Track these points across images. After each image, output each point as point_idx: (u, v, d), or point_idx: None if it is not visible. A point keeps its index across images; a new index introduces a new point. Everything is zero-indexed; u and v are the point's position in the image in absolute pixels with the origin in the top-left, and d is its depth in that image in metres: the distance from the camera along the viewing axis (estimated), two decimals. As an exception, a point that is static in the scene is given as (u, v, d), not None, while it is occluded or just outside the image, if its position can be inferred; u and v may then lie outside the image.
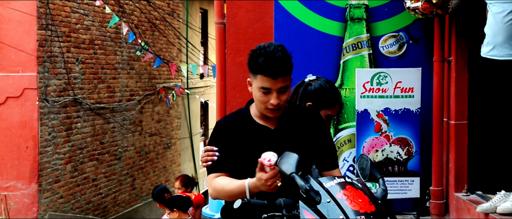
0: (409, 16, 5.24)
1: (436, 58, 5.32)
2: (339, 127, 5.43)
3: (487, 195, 4.91)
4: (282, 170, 2.47)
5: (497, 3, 4.16)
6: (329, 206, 2.37)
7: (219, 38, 5.56)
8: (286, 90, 2.75)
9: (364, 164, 2.69)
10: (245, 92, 5.47)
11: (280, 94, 2.73)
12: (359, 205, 2.39)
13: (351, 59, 5.41)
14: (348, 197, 2.41)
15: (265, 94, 2.76)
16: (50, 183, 9.52)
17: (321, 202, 2.38)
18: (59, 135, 9.75)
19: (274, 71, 2.71)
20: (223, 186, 2.71)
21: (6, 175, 9.20)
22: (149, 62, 12.14)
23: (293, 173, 2.43)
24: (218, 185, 2.73)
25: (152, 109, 13.10)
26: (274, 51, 2.73)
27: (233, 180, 2.71)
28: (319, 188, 2.43)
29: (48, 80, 9.45)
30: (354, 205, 2.38)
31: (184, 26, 14.31)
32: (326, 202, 2.38)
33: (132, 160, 12.26)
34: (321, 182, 2.47)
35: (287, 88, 2.75)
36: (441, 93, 5.31)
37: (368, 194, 2.46)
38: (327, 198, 2.39)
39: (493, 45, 4.18)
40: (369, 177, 2.66)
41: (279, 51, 2.74)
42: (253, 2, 5.48)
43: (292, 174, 2.43)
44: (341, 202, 2.38)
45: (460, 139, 5.18)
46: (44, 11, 9.36)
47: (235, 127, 2.84)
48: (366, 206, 2.40)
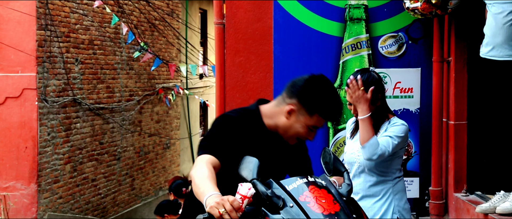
0: (408, 17, 5.24)
1: (435, 58, 5.33)
2: (338, 127, 5.43)
3: (486, 195, 4.91)
4: (242, 176, 2.38)
5: (496, 4, 4.16)
6: (292, 210, 2.30)
7: (219, 38, 5.56)
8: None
9: (327, 158, 2.65)
10: (244, 93, 5.47)
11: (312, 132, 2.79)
12: (322, 206, 2.33)
13: (350, 59, 5.41)
14: (311, 199, 2.35)
15: (309, 131, 2.76)
16: (49, 183, 9.52)
17: (285, 207, 2.31)
18: (58, 135, 9.74)
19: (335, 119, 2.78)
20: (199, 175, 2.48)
21: (5, 175, 9.20)
22: (149, 62, 12.14)
23: (254, 179, 2.34)
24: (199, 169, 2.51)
25: (151, 109, 13.10)
26: (338, 100, 2.74)
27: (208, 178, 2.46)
28: (282, 193, 2.36)
29: (47, 81, 9.45)
30: (317, 207, 2.32)
31: (183, 26, 14.31)
32: (290, 207, 2.31)
33: (131, 160, 12.25)
34: (284, 186, 2.40)
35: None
36: (440, 93, 5.32)
37: (332, 192, 2.41)
38: (290, 202, 2.32)
39: (492, 45, 4.18)
40: (333, 171, 2.61)
41: (340, 101, 2.77)
42: (253, 3, 5.48)
43: (253, 180, 2.34)
44: (304, 205, 2.32)
45: (459, 139, 5.18)
46: (44, 12, 9.36)
47: (244, 124, 2.74)
48: (330, 206, 2.34)
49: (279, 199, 2.33)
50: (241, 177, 2.39)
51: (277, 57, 5.45)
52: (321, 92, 2.70)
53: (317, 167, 5.51)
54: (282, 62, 5.45)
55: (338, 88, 5.41)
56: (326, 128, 5.42)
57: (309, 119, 2.71)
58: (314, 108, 2.69)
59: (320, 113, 2.70)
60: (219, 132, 2.68)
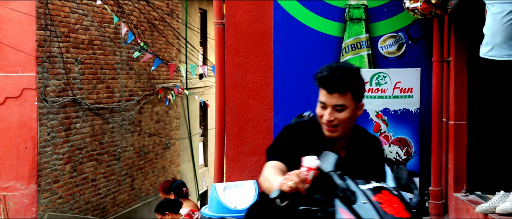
0: (408, 17, 5.24)
1: (435, 58, 5.33)
2: (338, 127, 5.43)
3: (486, 195, 4.91)
4: (320, 168, 2.49)
5: (496, 4, 4.16)
6: (365, 207, 2.39)
7: (218, 38, 5.56)
8: (343, 109, 2.75)
9: (400, 174, 2.68)
10: (244, 93, 5.47)
11: (335, 111, 2.75)
12: (394, 210, 2.40)
13: (350, 59, 5.41)
14: (384, 201, 2.43)
15: (322, 109, 2.79)
16: (49, 183, 9.52)
17: (357, 203, 2.40)
18: (58, 135, 9.74)
19: (329, 85, 2.74)
20: (265, 175, 2.65)
21: (5, 175, 9.20)
22: (148, 62, 12.14)
23: (331, 171, 2.46)
24: (265, 171, 2.66)
25: (151, 109, 13.10)
26: (337, 67, 2.75)
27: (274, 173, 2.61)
28: (356, 189, 2.45)
29: (47, 81, 9.45)
30: (389, 210, 2.40)
31: (183, 26, 14.31)
32: (362, 203, 2.40)
33: (131, 160, 12.25)
34: (358, 184, 2.49)
35: (344, 107, 2.75)
36: (440, 93, 5.31)
37: (404, 202, 2.48)
38: (363, 199, 2.41)
39: (492, 45, 4.18)
40: (404, 187, 2.65)
41: (343, 69, 2.75)
42: (252, 3, 5.48)
43: (330, 172, 2.46)
44: (377, 205, 2.40)
45: (459, 139, 5.18)
46: (43, 12, 9.36)
47: (307, 136, 2.82)
48: (401, 212, 2.41)
49: (353, 194, 2.41)
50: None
51: (277, 57, 5.45)
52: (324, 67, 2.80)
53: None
54: (282, 62, 5.45)
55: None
56: (326, 128, 5.43)
57: (319, 95, 2.81)
58: (315, 80, 2.81)
59: (318, 83, 2.79)
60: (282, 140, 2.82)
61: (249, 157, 5.48)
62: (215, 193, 4.89)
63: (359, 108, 2.82)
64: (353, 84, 2.78)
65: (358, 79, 2.80)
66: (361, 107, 2.83)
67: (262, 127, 5.47)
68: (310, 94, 5.43)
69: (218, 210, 4.78)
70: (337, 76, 2.74)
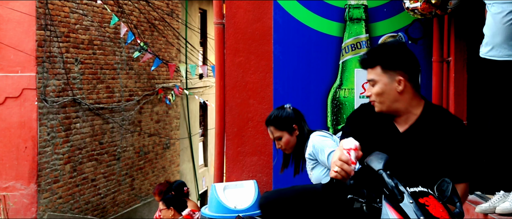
0: (408, 17, 5.24)
1: (435, 58, 5.33)
2: (338, 127, 5.43)
3: (486, 195, 4.91)
4: (371, 166, 2.56)
5: (496, 4, 4.16)
6: (412, 206, 2.45)
7: (218, 38, 5.55)
8: (375, 83, 2.75)
9: (444, 187, 2.69)
10: (244, 93, 5.47)
11: (371, 87, 2.77)
12: (440, 214, 2.46)
13: (350, 59, 5.41)
14: (431, 205, 2.49)
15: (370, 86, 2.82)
16: (49, 183, 9.52)
17: (404, 202, 2.46)
18: (58, 135, 9.74)
19: (361, 62, 2.82)
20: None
21: (5, 175, 9.20)
22: (148, 62, 12.14)
23: (381, 169, 2.52)
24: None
25: (151, 109, 13.10)
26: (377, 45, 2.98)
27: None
28: (404, 189, 2.51)
29: (47, 81, 9.45)
30: (436, 212, 2.46)
31: (183, 26, 14.31)
32: (409, 203, 2.46)
33: (131, 160, 12.25)
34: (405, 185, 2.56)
35: (375, 82, 2.75)
36: (440, 93, 5.31)
37: (448, 209, 2.55)
38: (410, 199, 2.47)
39: (492, 45, 4.18)
40: (448, 200, 2.68)
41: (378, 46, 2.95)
42: (252, 3, 5.48)
43: (380, 170, 2.52)
44: (423, 207, 2.47)
45: (459, 139, 5.17)
46: (43, 11, 9.36)
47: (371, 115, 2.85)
48: (447, 218, 2.48)
49: (400, 193, 2.47)
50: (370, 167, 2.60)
51: (277, 57, 5.45)
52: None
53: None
54: (282, 62, 5.44)
55: (338, 88, 5.42)
56: (326, 128, 5.43)
57: None
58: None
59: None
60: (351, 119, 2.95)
61: (249, 157, 5.48)
62: (215, 193, 4.89)
63: (397, 82, 2.73)
64: (381, 57, 2.75)
65: (389, 52, 2.76)
66: (400, 81, 2.73)
67: (262, 127, 5.47)
68: (310, 94, 5.43)
69: (218, 210, 4.78)
70: (367, 52, 2.84)
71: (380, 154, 2.61)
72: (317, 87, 5.43)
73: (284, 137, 4.21)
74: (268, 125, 4.27)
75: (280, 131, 4.22)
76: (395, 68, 2.74)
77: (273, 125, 4.25)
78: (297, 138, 4.22)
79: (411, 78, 2.78)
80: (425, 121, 2.77)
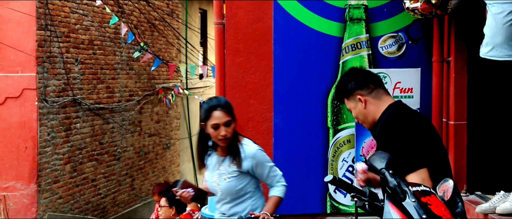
0: (408, 17, 5.24)
1: (435, 58, 5.33)
2: (338, 127, 5.43)
3: (486, 196, 4.91)
4: (373, 165, 2.63)
5: (496, 4, 4.16)
6: (414, 205, 2.49)
7: (218, 38, 5.55)
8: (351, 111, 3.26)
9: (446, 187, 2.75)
10: (244, 93, 5.47)
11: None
12: (442, 213, 2.49)
13: (350, 59, 5.41)
14: (433, 203, 2.52)
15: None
16: (49, 184, 9.52)
17: (406, 201, 2.50)
18: (58, 135, 9.74)
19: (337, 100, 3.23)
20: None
21: (5, 176, 9.20)
22: (148, 62, 12.14)
23: (383, 168, 2.58)
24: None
25: (151, 109, 13.09)
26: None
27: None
28: (407, 188, 2.55)
29: (47, 81, 9.45)
30: (438, 211, 2.50)
31: (183, 26, 14.31)
32: (411, 202, 2.50)
33: (131, 160, 12.25)
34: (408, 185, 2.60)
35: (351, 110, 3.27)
36: (440, 93, 5.31)
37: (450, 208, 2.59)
38: (412, 198, 2.51)
39: (492, 45, 4.18)
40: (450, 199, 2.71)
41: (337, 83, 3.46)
42: (253, 3, 5.48)
43: (382, 169, 2.58)
44: (425, 206, 2.50)
45: (459, 139, 5.18)
46: (43, 12, 9.36)
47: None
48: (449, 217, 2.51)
49: (402, 192, 2.52)
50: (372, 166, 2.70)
51: (277, 57, 5.45)
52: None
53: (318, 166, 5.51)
54: (282, 62, 5.44)
55: (338, 88, 5.42)
56: (326, 128, 5.43)
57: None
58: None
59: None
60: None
61: (249, 157, 5.48)
62: (215, 193, 4.88)
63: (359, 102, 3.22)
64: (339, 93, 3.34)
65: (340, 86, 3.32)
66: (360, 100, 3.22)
67: (262, 127, 5.47)
68: (310, 94, 5.43)
69: (218, 210, 4.77)
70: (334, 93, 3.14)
71: (383, 153, 2.67)
72: (317, 87, 5.43)
73: (232, 124, 3.80)
74: (220, 108, 3.77)
75: (230, 116, 3.80)
76: (350, 94, 3.21)
77: (226, 108, 3.80)
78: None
79: (369, 91, 3.18)
80: (379, 123, 3.15)
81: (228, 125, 3.77)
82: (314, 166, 5.42)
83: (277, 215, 5.33)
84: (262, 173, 3.84)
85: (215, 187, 3.88)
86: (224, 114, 3.77)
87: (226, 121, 3.76)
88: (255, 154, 3.81)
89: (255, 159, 3.80)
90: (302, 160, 5.42)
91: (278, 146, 5.43)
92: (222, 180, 3.84)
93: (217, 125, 3.75)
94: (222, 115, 3.76)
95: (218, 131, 3.75)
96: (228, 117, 3.77)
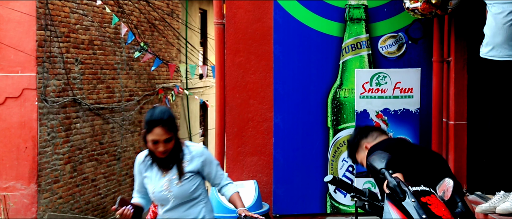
0: (408, 17, 5.24)
1: (435, 58, 5.33)
2: (338, 127, 5.43)
3: (486, 196, 4.91)
4: (373, 165, 2.64)
5: (496, 4, 4.16)
6: (414, 205, 2.50)
7: (219, 38, 5.55)
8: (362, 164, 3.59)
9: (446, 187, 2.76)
10: (244, 93, 5.48)
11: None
12: (442, 213, 2.51)
13: (350, 59, 5.41)
14: (433, 203, 2.54)
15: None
16: (49, 184, 9.52)
17: (406, 201, 2.52)
18: (58, 135, 9.74)
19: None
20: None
21: (5, 176, 9.20)
22: (148, 62, 12.14)
23: (383, 168, 2.59)
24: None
25: (151, 109, 13.08)
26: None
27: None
28: (407, 188, 2.56)
29: (47, 81, 9.45)
30: (437, 211, 2.51)
31: (183, 26, 14.31)
32: (411, 201, 2.51)
33: (131, 160, 12.25)
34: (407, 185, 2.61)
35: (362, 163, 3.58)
36: (440, 93, 5.32)
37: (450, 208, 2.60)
38: (412, 198, 2.52)
39: (492, 45, 4.18)
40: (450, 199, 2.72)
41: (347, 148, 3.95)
42: (253, 3, 5.48)
43: (382, 169, 2.59)
44: (425, 206, 2.51)
45: (459, 139, 5.18)
46: (43, 12, 9.36)
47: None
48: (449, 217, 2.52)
49: (402, 192, 2.54)
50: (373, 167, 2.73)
51: (277, 57, 5.45)
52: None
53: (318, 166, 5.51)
54: (282, 62, 5.45)
55: (338, 88, 5.42)
56: (326, 128, 5.43)
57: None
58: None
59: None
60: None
61: (249, 157, 5.48)
62: (215, 193, 4.89)
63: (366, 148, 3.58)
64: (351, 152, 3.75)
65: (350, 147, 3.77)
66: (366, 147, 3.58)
67: (262, 127, 5.47)
68: (310, 94, 5.43)
69: (218, 210, 4.78)
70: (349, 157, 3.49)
71: (383, 153, 2.67)
72: (317, 87, 5.43)
73: (173, 139, 3.66)
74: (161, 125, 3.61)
75: (172, 132, 3.65)
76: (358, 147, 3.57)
77: (167, 126, 3.63)
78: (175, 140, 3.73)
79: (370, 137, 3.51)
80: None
81: (168, 141, 3.63)
82: (314, 166, 5.42)
83: (277, 215, 5.33)
84: (210, 172, 3.78)
85: (167, 195, 3.72)
86: (164, 132, 3.61)
87: (167, 138, 3.62)
88: (202, 152, 3.76)
89: (204, 156, 3.74)
90: (302, 160, 5.42)
91: (278, 146, 5.43)
92: (173, 185, 3.71)
93: (157, 140, 3.62)
94: (163, 132, 3.61)
95: (157, 146, 3.63)
96: (169, 134, 3.62)
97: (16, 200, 9.14)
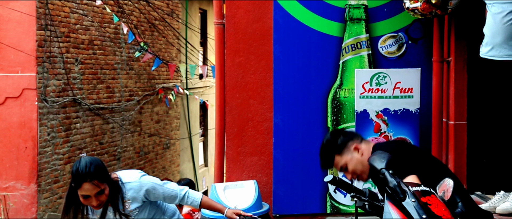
0: (408, 17, 5.24)
1: (435, 58, 5.33)
2: (338, 127, 5.43)
3: (486, 195, 4.91)
4: (373, 165, 2.63)
5: (496, 4, 4.16)
6: (414, 205, 2.50)
7: (218, 38, 5.55)
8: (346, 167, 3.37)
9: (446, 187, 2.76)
10: (244, 93, 5.47)
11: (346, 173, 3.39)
12: (442, 213, 2.50)
13: (350, 59, 5.41)
14: (433, 203, 2.54)
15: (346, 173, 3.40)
16: (49, 184, 9.52)
17: (406, 201, 2.51)
18: (58, 135, 9.74)
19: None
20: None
21: (5, 175, 9.20)
22: (148, 62, 12.14)
23: (383, 168, 2.59)
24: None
25: (151, 109, 13.09)
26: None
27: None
28: (407, 188, 2.56)
29: (47, 81, 9.45)
30: (438, 211, 2.51)
31: (183, 26, 14.31)
32: (411, 201, 2.51)
33: (131, 160, 12.25)
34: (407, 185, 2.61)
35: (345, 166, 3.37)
36: (440, 93, 5.31)
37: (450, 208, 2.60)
38: (412, 198, 2.52)
39: (492, 45, 4.19)
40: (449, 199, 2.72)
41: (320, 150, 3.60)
42: (253, 3, 5.48)
43: (382, 169, 2.58)
44: (425, 206, 2.51)
45: (459, 139, 5.18)
46: (43, 12, 9.36)
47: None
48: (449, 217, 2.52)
49: (402, 192, 2.54)
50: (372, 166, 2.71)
51: (277, 57, 5.45)
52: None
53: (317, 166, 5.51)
54: (282, 62, 5.44)
55: (338, 88, 5.42)
56: (326, 128, 5.43)
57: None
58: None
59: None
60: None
61: (249, 157, 5.48)
62: (215, 193, 4.89)
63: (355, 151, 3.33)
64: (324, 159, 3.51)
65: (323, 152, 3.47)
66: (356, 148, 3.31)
67: (262, 127, 5.47)
68: (310, 94, 5.43)
69: (217, 210, 4.77)
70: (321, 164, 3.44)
71: (383, 153, 2.67)
72: (317, 87, 5.43)
73: (106, 189, 3.49)
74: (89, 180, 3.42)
75: (103, 184, 3.47)
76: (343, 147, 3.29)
77: (97, 178, 3.44)
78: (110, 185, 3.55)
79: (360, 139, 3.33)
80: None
81: (100, 194, 3.47)
82: (314, 166, 5.42)
83: (277, 215, 5.33)
84: (157, 196, 3.68)
85: None
86: (94, 186, 3.43)
87: (98, 192, 3.45)
88: (140, 185, 3.62)
89: (143, 188, 3.61)
90: (302, 160, 5.42)
91: (278, 146, 5.43)
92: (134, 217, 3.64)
93: (88, 195, 3.46)
94: (92, 187, 3.43)
95: (90, 200, 3.48)
96: (100, 187, 3.46)
97: (16, 200, 9.14)
